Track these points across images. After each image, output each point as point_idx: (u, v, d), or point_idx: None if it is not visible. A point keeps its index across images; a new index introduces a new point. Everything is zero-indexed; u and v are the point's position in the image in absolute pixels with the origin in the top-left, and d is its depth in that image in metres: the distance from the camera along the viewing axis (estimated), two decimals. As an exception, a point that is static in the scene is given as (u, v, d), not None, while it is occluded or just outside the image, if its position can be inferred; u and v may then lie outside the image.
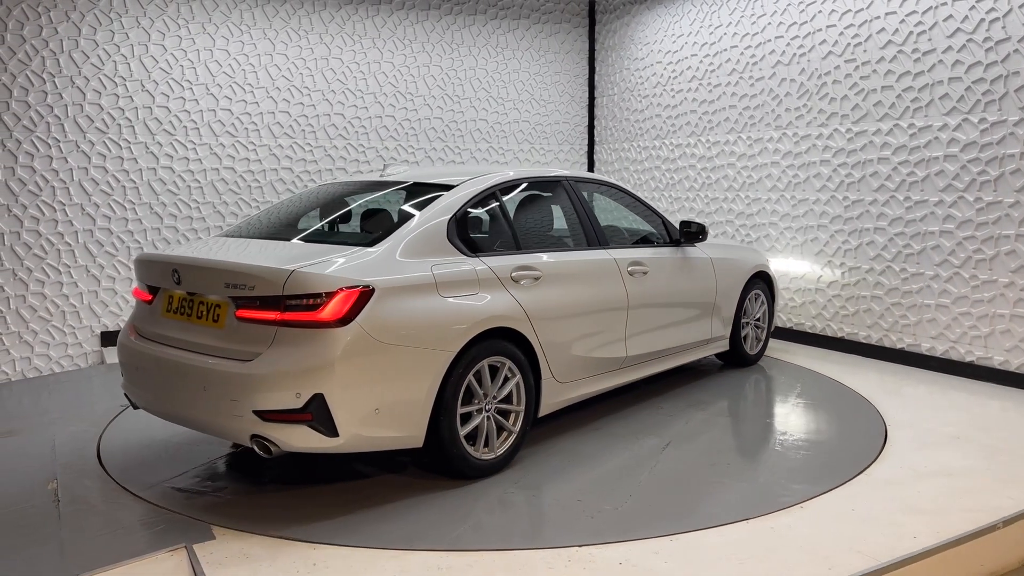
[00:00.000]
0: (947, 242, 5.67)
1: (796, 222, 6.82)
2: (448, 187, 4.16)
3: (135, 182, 6.91)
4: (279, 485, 3.86)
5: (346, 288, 3.35)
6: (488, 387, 3.83)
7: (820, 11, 6.46)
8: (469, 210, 4.11)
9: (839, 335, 6.54)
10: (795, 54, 6.72)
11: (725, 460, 4.11)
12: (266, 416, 3.28)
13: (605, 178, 5.41)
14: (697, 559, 3.04)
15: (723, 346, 5.77)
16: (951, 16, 5.52)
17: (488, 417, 3.84)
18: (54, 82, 6.50)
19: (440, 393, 3.60)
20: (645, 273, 4.87)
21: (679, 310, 5.21)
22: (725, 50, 7.42)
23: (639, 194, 5.69)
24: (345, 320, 3.33)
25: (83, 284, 6.72)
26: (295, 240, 3.98)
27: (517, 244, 4.24)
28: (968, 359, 5.61)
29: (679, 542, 3.18)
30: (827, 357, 6.30)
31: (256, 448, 3.38)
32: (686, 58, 7.90)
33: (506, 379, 3.91)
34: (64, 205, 6.61)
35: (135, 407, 4.00)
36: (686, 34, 7.87)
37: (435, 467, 3.85)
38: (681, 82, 7.99)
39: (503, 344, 3.87)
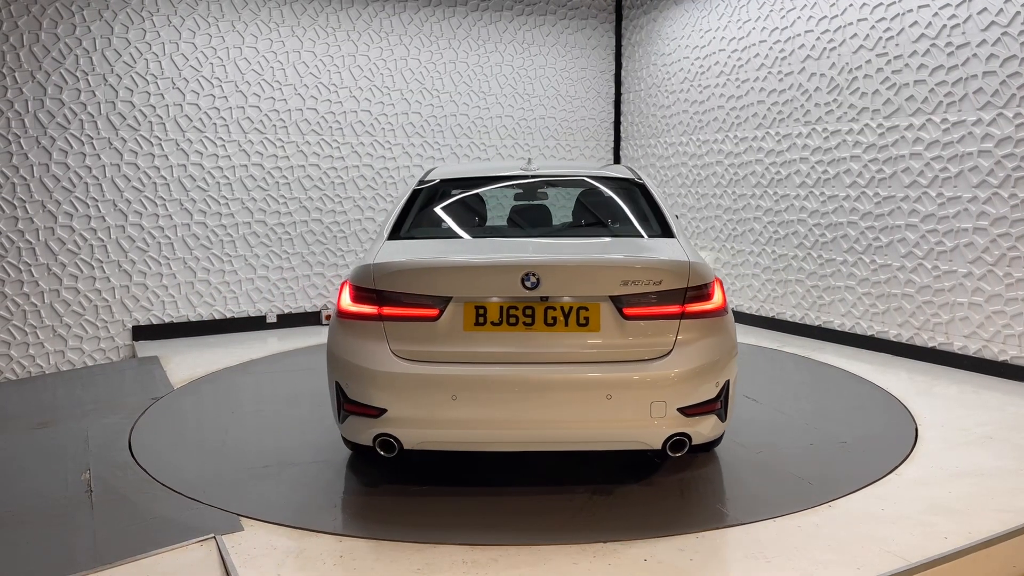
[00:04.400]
0: (981, 239, 5.57)
1: (825, 219, 6.74)
2: (637, 183, 4.27)
3: (166, 178, 7.00)
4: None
5: (716, 277, 3.50)
6: None
7: (851, 4, 6.37)
8: None
9: (869, 333, 6.45)
10: (825, 48, 6.63)
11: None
12: (688, 412, 3.27)
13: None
14: (723, 556, 3.02)
15: None
16: (985, 9, 5.42)
17: None
18: (87, 80, 6.60)
19: None
20: None
21: None
22: (754, 45, 7.35)
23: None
24: (727, 308, 3.48)
25: (115, 279, 6.83)
26: (594, 235, 3.92)
27: None
28: (1002, 358, 5.51)
29: (705, 539, 3.16)
30: (857, 355, 6.22)
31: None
32: (714, 53, 7.83)
33: None
34: (97, 201, 6.72)
35: (390, 453, 3.37)
36: (714, 29, 7.81)
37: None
38: (709, 78, 7.92)
39: None
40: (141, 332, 6.96)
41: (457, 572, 2.93)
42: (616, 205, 4.20)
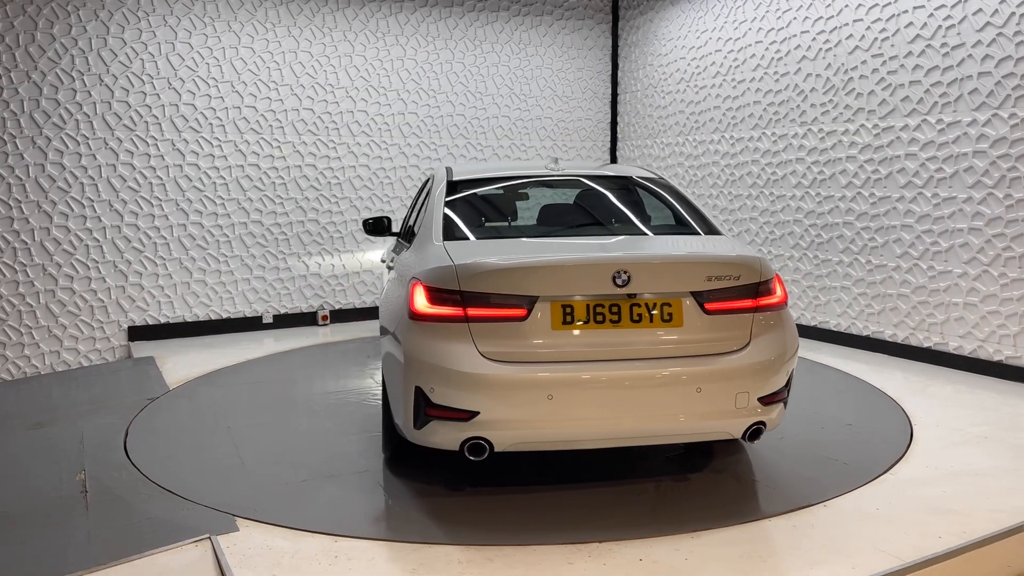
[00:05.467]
0: (976, 239, 5.58)
1: (821, 219, 6.75)
2: (662, 183, 4.40)
3: (161, 179, 6.99)
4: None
5: (776, 273, 3.60)
6: None
7: (847, 5, 6.38)
8: None
9: (864, 333, 6.46)
10: (821, 49, 6.65)
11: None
12: (765, 401, 3.38)
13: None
14: (718, 556, 3.02)
15: None
16: (980, 10, 5.43)
17: None
18: (83, 80, 6.59)
19: None
20: None
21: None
22: (750, 45, 7.36)
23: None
24: (787, 301, 3.63)
25: (111, 279, 6.82)
26: (657, 233, 3.95)
27: None
28: (996, 358, 5.52)
29: (700, 539, 3.16)
30: (852, 356, 6.24)
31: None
32: (710, 54, 7.84)
33: None
34: (92, 201, 6.71)
35: (480, 456, 3.27)
36: (710, 30, 7.82)
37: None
38: (705, 78, 7.93)
39: None
40: (137, 332, 6.95)
41: (452, 572, 2.93)
42: (658, 204, 4.28)
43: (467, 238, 3.76)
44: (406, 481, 3.81)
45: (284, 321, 7.61)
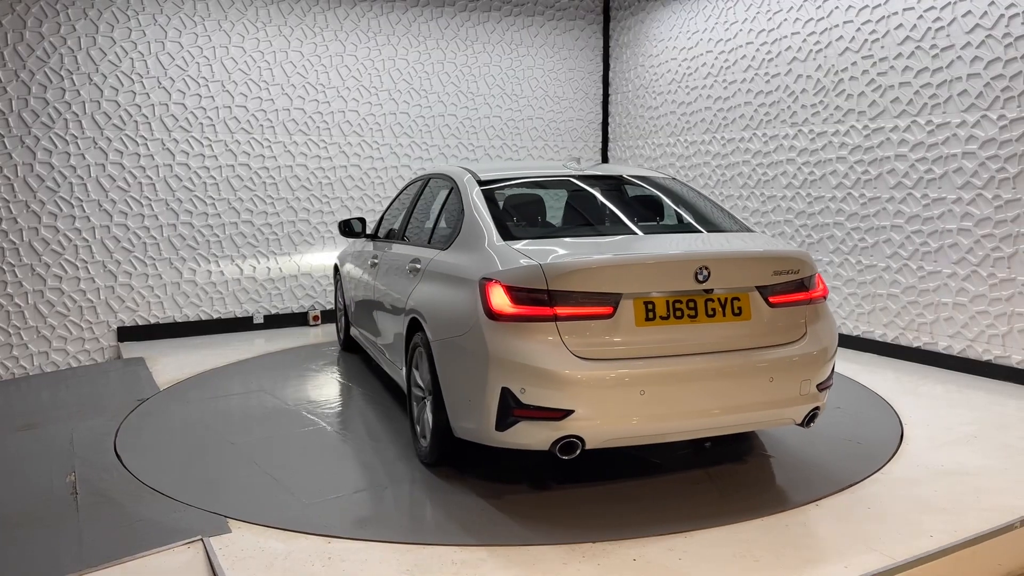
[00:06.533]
0: (965, 240, 5.62)
1: (812, 219, 6.78)
2: (682, 183, 4.58)
3: (151, 178, 6.96)
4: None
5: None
6: None
7: (837, 7, 6.41)
8: None
9: (855, 333, 6.49)
10: (811, 50, 6.68)
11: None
12: (821, 387, 3.60)
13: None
14: (711, 556, 3.03)
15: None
16: (970, 12, 5.47)
17: None
18: (72, 79, 6.55)
19: None
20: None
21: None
22: (741, 46, 7.39)
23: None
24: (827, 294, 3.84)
25: (100, 280, 6.78)
26: (709, 230, 4.04)
27: None
28: (986, 358, 5.56)
29: (694, 539, 3.17)
30: (842, 355, 6.25)
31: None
32: (701, 55, 7.86)
33: None
34: (81, 201, 6.66)
35: (571, 454, 3.28)
36: (701, 31, 7.84)
37: None
38: (696, 79, 7.95)
39: None
40: (126, 333, 6.91)
41: (447, 572, 2.92)
42: (691, 203, 4.38)
43: (529, 238, 3.74)
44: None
45: (275, 321, 7.58)
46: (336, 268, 6.80)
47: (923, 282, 5.93)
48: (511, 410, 3.28)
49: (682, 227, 4.13)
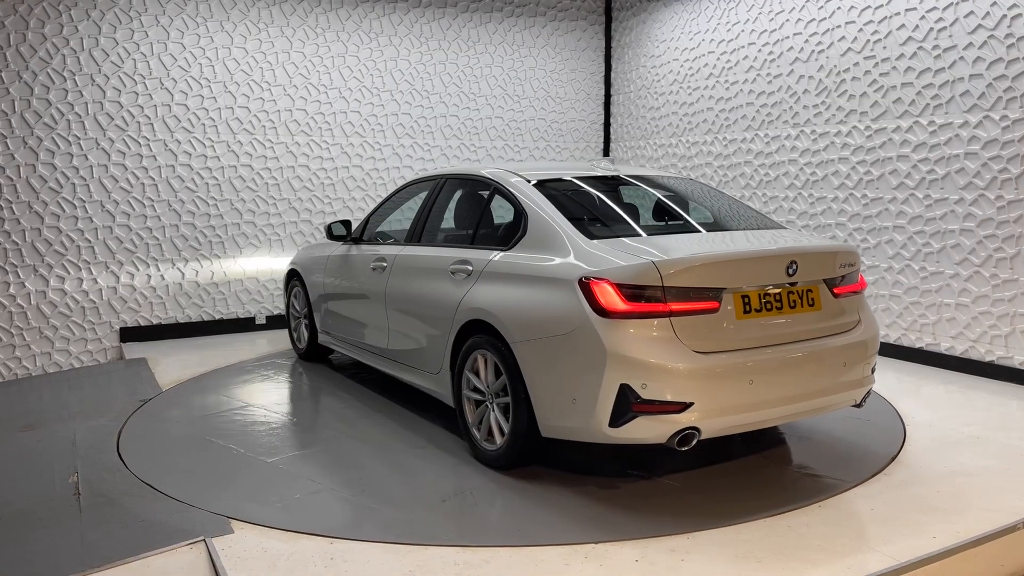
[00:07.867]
0: (967, 240, 5.61)
1: (814, 220, 6.78)
2: (705, 185, 4.79)
3: (154, 179, 6.96)
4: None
5: None
6: None
7: (839, 7, 6.41)
8: None
9: (857, 334, 6.48)
10: (813, 51, 6.67)
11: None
12: (873, 370, 3.92)
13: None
14: (714, 557, 3.03)
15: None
16: (972, 12, 5.47)
17: None
18: (75, 80, 6.56)
19: None
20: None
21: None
22: (743, 47, 7.38)
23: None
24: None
25: (102, 280, 6.79)
26: (762, 227, 4.22)
27: None
28: (988, 359, 5.55)
29: (696, 540, 3.17)
30: (845, 356, 6.25)
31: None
32: (703, 55, 7.86)
33: None
34: (84, 202, 6.67)
35: (688, 445, 3.37)
36: (703, 31, 7.84)
37: None
38: (698, 79, 7.95)
39: None
40: (129, 334, 6.92)
41: (449, 573, 2.93)
42: (730, 204, 4.59)
43: (605, 237, 3.78)
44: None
45: (277, 322, 7.58)
46: (292, 274, 6.46)
47: (925, 283, 5.92)
48: (630, 405, 3.33)
49: (747, 223, 4.28)
